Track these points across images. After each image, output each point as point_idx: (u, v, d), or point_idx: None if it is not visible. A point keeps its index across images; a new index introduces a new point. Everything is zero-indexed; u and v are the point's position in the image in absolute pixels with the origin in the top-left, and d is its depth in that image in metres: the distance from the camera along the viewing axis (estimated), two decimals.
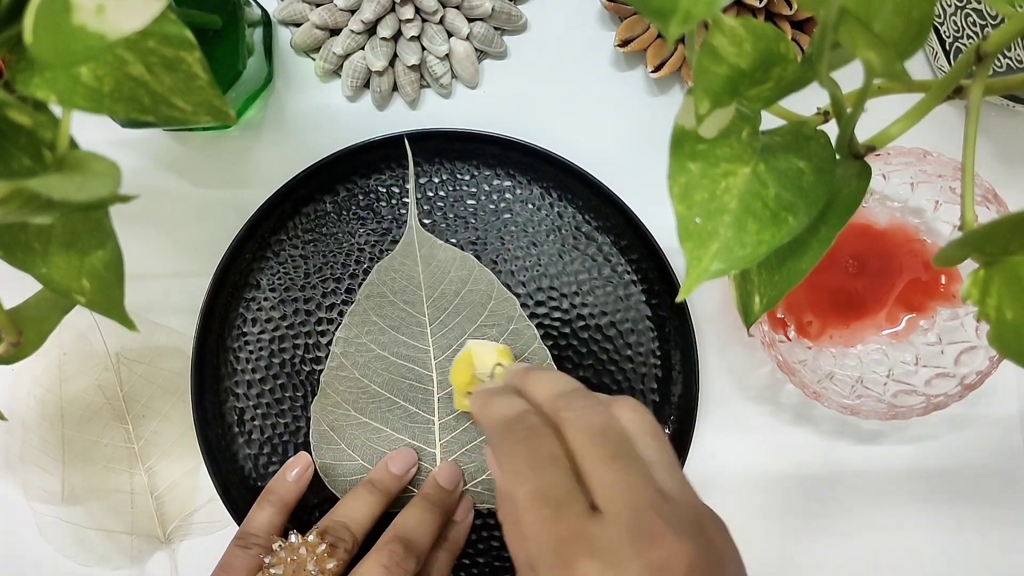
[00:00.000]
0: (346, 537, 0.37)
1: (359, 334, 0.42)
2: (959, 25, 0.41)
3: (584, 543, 0.25)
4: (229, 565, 0.37)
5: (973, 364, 0.39)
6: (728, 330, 0.44)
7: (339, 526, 0.37)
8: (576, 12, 0.44)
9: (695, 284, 0.21)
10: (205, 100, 0.22)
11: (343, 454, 0.41)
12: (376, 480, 0.40)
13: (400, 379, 0.42)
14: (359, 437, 0.42)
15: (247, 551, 0.37)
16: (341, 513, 0.38)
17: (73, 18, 0.18)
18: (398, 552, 0.36)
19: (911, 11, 0.19)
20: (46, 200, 0.18)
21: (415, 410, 0.42)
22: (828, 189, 0.22)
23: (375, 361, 0.42)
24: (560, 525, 0.26)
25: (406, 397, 0.42)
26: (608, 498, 0.26)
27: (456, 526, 0.41)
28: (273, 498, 0.40)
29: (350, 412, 0.42)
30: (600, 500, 0.26)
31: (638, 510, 0.25)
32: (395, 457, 0.41)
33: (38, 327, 0.26)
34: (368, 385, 0.42)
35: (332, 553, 0.36)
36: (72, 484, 0.43)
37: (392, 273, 0.42)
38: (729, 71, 0.21)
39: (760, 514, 0.44)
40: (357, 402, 0.42)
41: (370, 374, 0.42)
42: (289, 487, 0.40)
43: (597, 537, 0.25)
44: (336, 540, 0.36)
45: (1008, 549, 0.44)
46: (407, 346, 0.42)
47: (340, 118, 0.44)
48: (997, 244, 0.21)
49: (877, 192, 0.42)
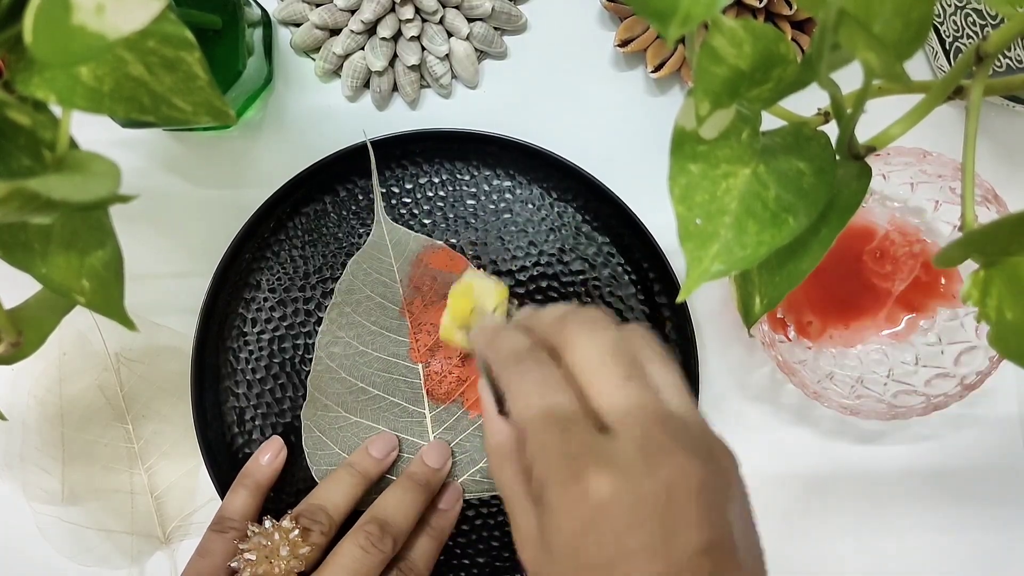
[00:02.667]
0: (322, 519, 0.37)
1: (341, 333, 0.42)
2: (959, 25, 0.41)
3: (595, 456, 0.25)
4: (206, 550, 0.37)
5: (973, 364, 0.39)
6: (728, 330, 0.44)
7: (315, 509, 0.37)
8: (576, 12, 0.44)
9: (696, 285, 0.21)
10: (205, 100, 0.22)
11: (338, 458, 0.41)
12: (355, 462, 0.40)
13: (386, 374, 0.42)
14: (353, 439, 0.42)
15: (223, 535, 0.37)
16: (318, 496, 0.38)
17: (73, 18, 0.18)
18: (375, 533, 0.36)
19: (910, 12, 0.19)
20: (46, 200, 0.18)
21: (405, 404, 0.42)
22: (828, 190, 0.22)
23: (359, 358, 0.42)
24: (570, 442, 0.25)
25: (394, 392, 0.42)
26: (619, 417, 0.26)
27: (443, 514, 0.41)
28: (248, 481, 0.40)
29: (341, 414, 0.42)
30: (611, 419, 0.26)
31: (649, 428, 0.25)
32: (375, 440, 0.41)
33: (38, 327, 0.26)
34: (355, 383, 0.42)
35: (306, 538, 0.36)
36: (72, 484, 0.43)
37: (364, 266, 0.42)
38: (729, 72, 0.21)
39: (760, 514, 0.44)
40: (347, 403, 0.42)
41: (356, 372, 0.42)
42: (263, 470, 0.40)
43: (608, 452, 0.25)
44: (311, 523, 0.36)
45: (1008, 549, 0.44)
46: (388, 339, 0.42)
47: (340, 118, 0.44)
48: (997, 245, 0.21)
49: (877, 192, 0.42)
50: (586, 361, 0.27)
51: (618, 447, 0.25)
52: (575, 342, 0.28)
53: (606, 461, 0.25)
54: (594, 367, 0.27)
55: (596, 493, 0.25)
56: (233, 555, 0.36)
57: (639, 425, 0.25)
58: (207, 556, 0.37)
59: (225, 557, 0.37)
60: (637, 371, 0.27)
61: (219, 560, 0.37)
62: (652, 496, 0.24)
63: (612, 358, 0.27)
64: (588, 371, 0.27)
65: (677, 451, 0.25)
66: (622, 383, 0.27)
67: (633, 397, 0.26)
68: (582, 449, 0.25)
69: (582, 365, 0.28)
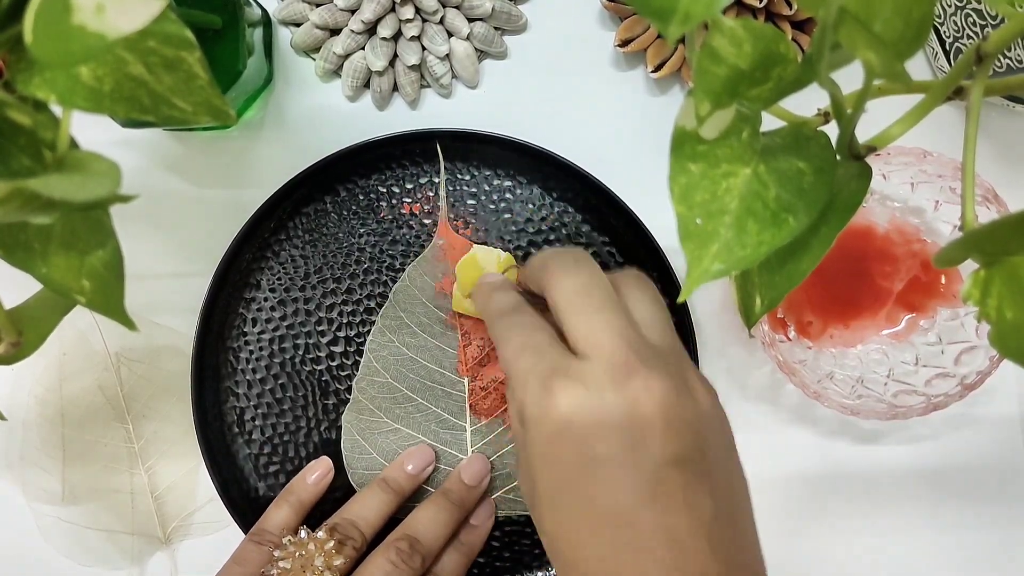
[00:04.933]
0: (355, 535, 0.37)
1: (392, 337, 0.42)
2: (959, 25, 0.41)
3: (564, 373, 0.27)
4: (242, 558, 0.38)
5: (973, 364, 0.39)
6: (728, 330, 0.44)
7: (348, 524, 0.37)
8: (576, 12, 0.44)
9: (696, 284, 0.21)
10: (205, 100, 0.22)
11: (375, 464, 0.41)
12: (390, 479, 0.40)
13: (430, 383, 0.42)
14: (391, 446, 0.41)
15: (260, 547, 0.38)
16: (352, 511, 0.38)
17: (73, 18, 0.18)
18: (405, 550, 0.36)
19: (911, 12, 0.19)
20: (46, 200, 0.18)
21: (447, 416, 0.42)
22: (828, 190, 0.22)
23: (407, 365, 0.42)
24: (542, 363, 0.27)
25: (437, 403, 0.42)
26: (589, 343, 0.27)
27: (474, 530, 0.40)
28: (292, 499, 0.40)
29: (382, 419, 0.41)
30: (583, 346, 0.27)
31: (619, 351, 0.27)
32: (412, 455, 0.41)
33: (38, 327, 0.26)
34: (400, 390, 0.42)
35: (340, 550, 0.36)
36: (72, 484, 0.43)
37: (421, 271, 0.42)
38: (729, 72, 0.21)
39: (760, 514, 0.44)
40: (390, 409, 0.42)
41: (402, 380, 0.42)
42: (308, 489, 0.40)
43: (577, 370, 0.27)
44: (344, 538, 0.37)
45: (1009, 549, 0.44)
46: (438, 349, 0.42)
47: (340, 118, 0.44)
48: (997, 244, 0.21)
49: (877, 192, 0.42)
50: (562, 297, 0.29)
51: (586, 367, 0.27)
52: (554, 282, 0.30)
53: (575, 377, 0.26)
54: (569, 300, 0.29)
55: (564, 404, 0.26)
56: (268, 566, 0.37)
57: (610, 348, 0.27)
58: (242, 564, 0.37)
59: (260, 567, 0.37)
60: (612, 303, 0.28)
61: (254, 569, 0.37)
62: (616, 408, 0.26)
63: (587, 290, 0.29)
64: (563, 305, 0.29)
65: (643, 371, 0.26)
66: (594, 313, 0.28)
67: (606, 325, 0.27)
68: (554, 369, 0.27)
69: (559, 302, 0.29)
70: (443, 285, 0.42)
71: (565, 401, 0.26)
